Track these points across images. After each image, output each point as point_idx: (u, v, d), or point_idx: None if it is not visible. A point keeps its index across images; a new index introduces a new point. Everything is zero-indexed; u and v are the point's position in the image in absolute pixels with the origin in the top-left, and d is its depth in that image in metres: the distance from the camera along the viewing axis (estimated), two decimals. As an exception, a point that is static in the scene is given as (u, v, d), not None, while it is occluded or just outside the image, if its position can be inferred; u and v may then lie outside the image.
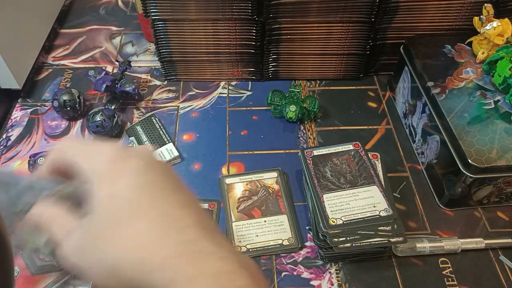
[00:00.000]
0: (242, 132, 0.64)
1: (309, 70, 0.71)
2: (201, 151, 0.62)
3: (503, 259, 0.50)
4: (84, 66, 0.75)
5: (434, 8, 0.63)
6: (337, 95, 0.70)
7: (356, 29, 0.64)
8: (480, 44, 0.58)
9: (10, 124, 0.65)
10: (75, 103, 0.63)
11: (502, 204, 0.55)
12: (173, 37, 0.66)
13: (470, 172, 0.49)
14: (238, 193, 0.56)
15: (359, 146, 0.58)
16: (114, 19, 0.84)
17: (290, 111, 0.62)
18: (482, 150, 0.49)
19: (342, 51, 0.68)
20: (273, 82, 0.72)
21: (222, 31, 0.65)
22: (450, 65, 0.58)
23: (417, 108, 0.60)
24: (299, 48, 0.67)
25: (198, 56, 0.69)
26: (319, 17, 0.63)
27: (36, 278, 0.47)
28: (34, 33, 0.73)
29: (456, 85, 0.56)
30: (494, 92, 0.55)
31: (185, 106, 0.68)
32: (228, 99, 0.69)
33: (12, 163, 0.60)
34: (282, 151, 0.62)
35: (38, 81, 0.72)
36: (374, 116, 0.67)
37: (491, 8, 0.57)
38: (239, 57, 0.68)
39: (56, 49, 0.78)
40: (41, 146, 0.62)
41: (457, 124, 0.51)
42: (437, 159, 0.55)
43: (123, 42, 0.79)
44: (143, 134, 0.62)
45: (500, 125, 0.51)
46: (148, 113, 0.66)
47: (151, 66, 0.75)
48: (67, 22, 0.84)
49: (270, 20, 0.63)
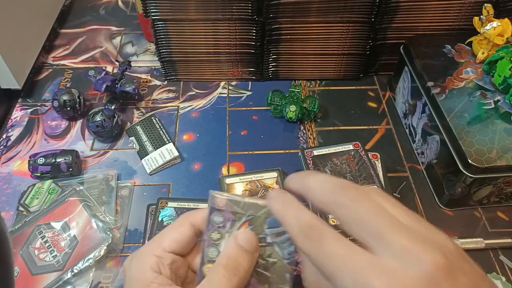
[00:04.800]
0: (242, 132, 0.64)
1: (309, 70, 0.71)
2: (201, 151, 0.62)
3: (503, 259, 0.50)
4: (84, 66, 0.75)
5: (434, 8, 0.63)
6: (337, 95, 0.70)
7: (356, 29, 0.64)
8: (480, 44, 0.58)
9: (10, 124, 0.65)
10: (75, 103, 0.63)
11: (502, 204, 0.55)
12: (173, 37, 0.66)
13: (470, 172, 0.49)
14: (238, 193, 0.56)
15: (359, 146, 0.58)
16: (114, 19, 0.84)
17: (290, 111, 0.62)
18: (482, 150, 0.49)
19: (342, 51, 0.68)
20: (273, 82, 0.72)
21: (222, 31, 0.65)
22: (450, 65, 0.58)
23: (417, 108, 0.60)
24: (299, 48, 0.67)
25: (198, 56, 0.69)
26: (319, 17, 0.63)
27: (36, 278, 0.47)
28: (34, 33, 0.73)
29: (456, 85, 0.56)
30: (494, 92, 0.55)
31: (185, 106, 0.68)
32: (228, 99, 0.69)
33: (12, 163, 0.60)
34: (282, 151, 0.62)
35: (38, 81, 0.72)
36: (374, 116, 0.67)
37: (491, 8, 0.57)
38: (239, 57, 0.68)
39: (56, 49, 0.78)
40: (41, 146, 0.62)
41: (457, 124, 0.51)
42: (437, 159, 0.55)
43: (123, 42, 0.79)
44: (143, 134, 0.62)
45: (500, 125, 0.51)
46: (148, 113, 0.66)
47: (151, 66, 0.75)
48: (67, 22, 0.84)
49: (270, 20, 0.63)
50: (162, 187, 0.57)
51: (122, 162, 0.60)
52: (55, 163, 0.56)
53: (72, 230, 0.50)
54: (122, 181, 0.57)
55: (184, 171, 0.59)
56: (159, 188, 0.57)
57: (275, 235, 0.30)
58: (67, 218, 0.51)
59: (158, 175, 0.59)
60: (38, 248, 0.49)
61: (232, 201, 0.31)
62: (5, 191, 0.56)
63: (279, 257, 0.30)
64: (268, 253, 0.30)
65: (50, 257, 0.48)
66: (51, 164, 0.56)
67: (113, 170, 0.58)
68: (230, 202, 0.31)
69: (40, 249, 0.49)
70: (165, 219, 0.52)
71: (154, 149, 0.60)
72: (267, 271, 0.30)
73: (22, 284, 0.46)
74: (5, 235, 0.26)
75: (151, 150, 0.60)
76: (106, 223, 0.51)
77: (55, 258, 0.48)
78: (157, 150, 0.60)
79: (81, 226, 0.50)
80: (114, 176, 0.57)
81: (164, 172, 0.59)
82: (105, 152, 0.61)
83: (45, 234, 0.50)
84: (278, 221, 0.28)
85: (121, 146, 0.62)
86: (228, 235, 0.31)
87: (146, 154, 0.60)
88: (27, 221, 0.51)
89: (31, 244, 0.49)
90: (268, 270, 0.30)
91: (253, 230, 0.30)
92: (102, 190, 0.55)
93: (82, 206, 0.52)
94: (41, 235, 0.50)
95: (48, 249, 0.49)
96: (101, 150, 0.62)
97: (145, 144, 0.61)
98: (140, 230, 0.53)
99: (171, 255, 0.31)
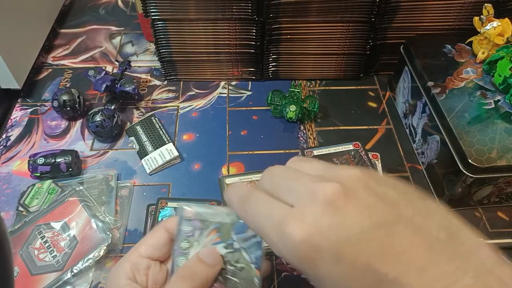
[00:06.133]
0: (242, 132, 0.64)
1: (309, 70, 0.71)
2: (201, 151, 0.62)
3: (503, 259, 0.50)
4: (84, 66, 0.75)
5: (434, 8, 0.63)
6: (337, 95, 0.70)
7: (356, 29, 0.64)
8: (480, 44, 0.58)
9: (10, 124, 0.65)
10: (75, 103, 0.63)
11: (502, 204, 0.55)
12: (173, 37, 0.66)
13: (470, 172, 0.49)
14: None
15: (359, 146, 0.58)
16: (114, 19, 0.84)
17: (290, 111, 0.62)
18: (482, 150, 0.49)
19: (342, 51, 0.68)
20: (273, 82, 0.72)
21: (222, 31, 0.65)
22: (450, 65, 0.58)
23: (417, 108, 0.60)
24: (299, 48, 0.67)
25: (198, 56, 0.69)
26: (319, 17, 0.63)
27: (35, 278, 0.47)
28: (34, 33, 0.73)
29: (456, 85, 0.56)
30: (494, 92, 0.55)
31: (185, 106, 0.68)
32: (228, 99, 0.69)
33: (12, 163, 0.60)
34: (282, 151, 0.62)
35: (38, 81, 0.72)
36: (374, 116, 0.67)
37: (491, 8, 0.57)
38: (239, 57, 0.68)
39: (56, 49, 0.78)
40: (41, 146, 0.62)
41: (457, 124, 0.51)
42: (437, 159, 0.55)
43: (123, 42, 0.79)
44: (143, 134, 0.62)
45: (500, 125, 0.51)
46: (148, 113, 0.66)
47: (151, 66, 0.75)
48: (67, 22, 0.84)
49: (270, 20, 0.63)
50: (162, 187, 0.57)
51: (122, 162, 0.60)
52: (55, 163, 0.55)
53: (71, 230, 0.50)
54: (122, 181, 0.57)
55: (184, 171, 0.59)
56: (159, 188, 0.57)
57: (242, 240, 0.32)
58: (67, 218, 0.51)
59: (158, 175, 0.59)
60: (38, 248, 0.49)
61: (200, 210, 0.32)
62: (5, 191, 0.56)
63: (246, 262, 0.31)
64: (235, 258, 0.31)
65: (49, 257, 0.48)
66: (51, 164, 0.55)
67: (113, 170, 0.58)
68: (198, 211, 0.32)
69: (40, 249, 0.49)
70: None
71: (154, 149, 0.60)
72: (235, 277, 0.31)
73: (22, 284, 0.46)
74: (5, 235, 0.26)
75: (151, 150, 0.60)
76: (106, 223, 0.51)
77: (55, 258, 0.48)
78: (157, 150, 0.60)
79: (81, 226, 0.50)
80: (114, 176, 0.57)
81: (164, 172, 0.59)
82: (105, 152, 0.61)
83: (44, 234, 0.50)
84: (243, 226, 0.30)
85: (121, 146, 0.62)
86: (197, 243, 0.32)
87: (146, 154, 0.60)
88: (27, 221, 0.51)
89: (30, 244, 0.49)
90: (236, 276, 0.31)
91: (221, 237, 0.32)
92: (102, 190, 0.55)
93: (82, 206, 0.52)
94: (41, 235, 0.49)
95: (48, 249, 0.49)
96: (101, 150, 0.61)
97: (145, 144, 0.61)
98: (140, 230, 0.53)
99: (147, 260, 0.32)
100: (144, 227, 0.53)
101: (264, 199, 0.26)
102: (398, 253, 0.22)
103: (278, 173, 0.27)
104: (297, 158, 0.29)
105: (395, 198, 0.24)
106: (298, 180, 0.26)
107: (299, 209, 0.24)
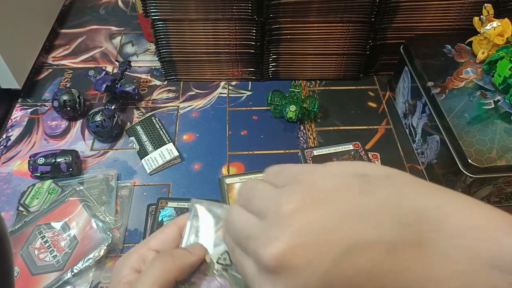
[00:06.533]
0: (242, 132, 0.64)
1: (309, 70, 0.71)
2: (201, 151, 0.62)
3: (503, 259, 0.50)
4: (84, 66, 0.75)
5: (434, 8, 0.63)
6: (337, 95, 0.70)
7: (356, 29, 0.64)
8: (480, 44, 0.58)
9: (10, 124, 0.65)
10: (75, 103, 0.63)
11: (502, 204, 0.55)
12: (173, 37, 0.66)
13: (470, 172, 0.49)
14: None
15: (359, 146, 0.58)
16: (114, 19, 0.84)
17: (290, 111, 0.62)
18: (482, 150, 0.49)
19: (342, 51, 0.68)
20: (273, 82, 0.72)
21: (222, 31, 0.65)
22: (450, 65, 0.58)
23: (417, 108, 0.60)
24: (299, 48, 0.67)
25: (198, 56, 0.69)
26: (319, 17, 0.63)
27: (36, 278, 0.47)
28: (34, 33, 0.73)
29: (456, 85, 0.56)
30: (494, 92, 0.55)
31: (185, 106, 0.68)
32: (228, 99, 0.69)
33: (12, 163, 0.60)
34: (282, 151, 0.62)
35: (38, 81, 0.72)
36: (374, 116, 0.67)
37: (491, 8, 0.57)
38: (239, 57, 0.68)
39: (56, 49, 0.78)
40: (41, 146, 0.62)
41: (457, 124, 0.51)
42: (437, 159, 0.55)
43: (123, 42, 0.79)
44: (143, 134, 0.62)
45: (500, 125, 0.51)
46: (148, 113, 0.66)
47: (151, 66, 0.75)
48: (67, 22, 0.84)
49: (270, 20, 0.63)
50: (162, 187, 0.57)
51: (122, 162, 0.60)
52: (55, 163, 0.56)
53: (72, 230, 0.50)
54: (122, 181, 0.57)
55: (184, 171, 0.59)
56: (159, 188, 0.57)
57: None
58: (67, 218, 0.51)
59: (158, 175, 0.59)
60: (38, 248, 0.49)
61: (211, 207, 0.32)
62: (5, 191, 0.56)
63: None
64: None
65: (50, 257, 0.48)
66: (51, 164, 0.56)
67: (113, 170, 0.58)
68: (209, 208, 0.32)
69: (40, 249, 0.49)
70: (165, 219, 0.52)
71: (154, 149, 0.60)
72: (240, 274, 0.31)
73: (22, 284, 0.46)
74: (5, 235, 0.26)
75: (151, 150, 0.60)
76: (106, 223, 0.51)
77: (55, 258, 0.48)
78: (157, 150, 0.60)
79: (81, 226, 0.50)
80: (114, 176, 0.57)
81: (164, 172, 0.59)
82: (105, 152, 0.61)
83: (45, 234, 0.50)
84: None
85: (121, 146, 0.62)
86: (206, 239, 0.31)
87: (146, 154, 0.60)
88: (27, 221, 0.51)
89: (31, 244, 0.49)
90: None
91: None
92: (102, 190, 0.55)
93: (82, 206, 0.52)
94: (41, 235, 0.50)
95: (48, 249, 0.49)
96: (101, 150, 0.62)
97: (145, 144, 0.61)
98: (140, 230, 0.53)
99: (155, 253, 0.32)
100: (144, 227, 0.53)
101: (240, 212, 0.27)
102: None
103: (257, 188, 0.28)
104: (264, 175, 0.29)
105: None
106: (256, 195, 0.26)
107: (264, 222, 0.24)
